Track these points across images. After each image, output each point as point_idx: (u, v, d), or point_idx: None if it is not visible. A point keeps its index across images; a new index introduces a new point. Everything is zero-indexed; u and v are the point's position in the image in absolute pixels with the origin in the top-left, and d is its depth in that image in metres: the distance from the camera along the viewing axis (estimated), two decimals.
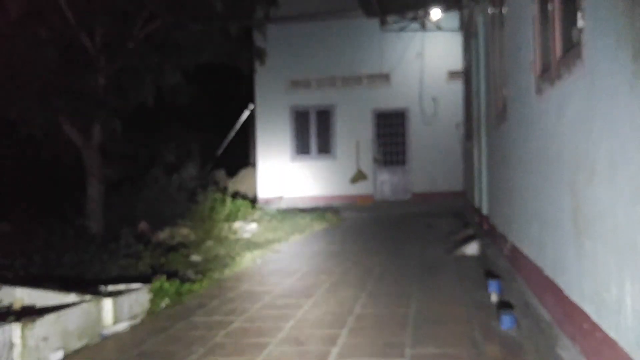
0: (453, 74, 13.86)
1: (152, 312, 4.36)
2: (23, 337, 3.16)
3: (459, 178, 13.08)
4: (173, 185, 11.15)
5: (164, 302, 4.55)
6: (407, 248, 7.46)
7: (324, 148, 15.09)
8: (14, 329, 3.15)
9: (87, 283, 5.00)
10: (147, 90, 8.28)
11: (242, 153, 17.37)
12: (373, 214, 12.42)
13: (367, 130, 14.79)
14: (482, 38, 7.60)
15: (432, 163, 14.34)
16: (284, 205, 13.89)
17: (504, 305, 3.94)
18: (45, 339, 3.30)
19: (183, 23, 8.50)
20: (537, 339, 3.12)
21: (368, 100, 14.77)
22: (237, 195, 12.34)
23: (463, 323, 3.77)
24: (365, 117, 14.80)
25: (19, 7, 7.47)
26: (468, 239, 7.06)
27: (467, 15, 10.17)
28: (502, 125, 5.60)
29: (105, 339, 3.78)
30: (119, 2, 8.03)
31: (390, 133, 14.79)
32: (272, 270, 6.18)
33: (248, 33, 13.12)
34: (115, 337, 3.83)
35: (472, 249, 6.58)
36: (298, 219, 10.43)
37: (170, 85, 8.66)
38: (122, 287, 4.38)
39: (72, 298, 3.90)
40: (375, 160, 14.75)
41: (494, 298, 4.23)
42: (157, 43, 8.61)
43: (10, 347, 3.12)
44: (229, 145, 18.13)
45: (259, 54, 10.43)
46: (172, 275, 5.08)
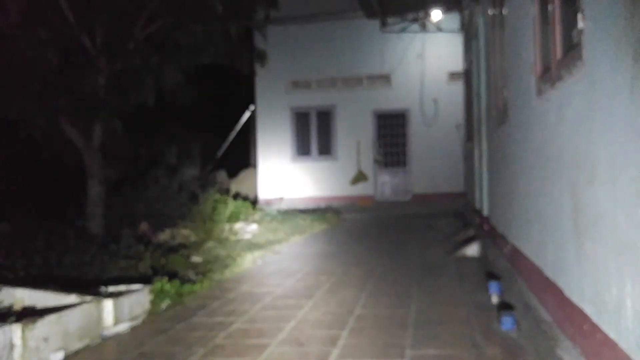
0: (453, 75, 13.86)
1: (152, 313, 4.36)
2: (24, 337, 3.16)
3: (460, 179, 13.08)
4: (174, 186, 11.15)
5: (165, 303, 4.55)
6: (407, 249, 7.46)
7: (325, 149, 15.08)
8: (15, 330, 3.15)
9: (87, 284, 5.00)
10: (147, 91, 8.28)
11: (242, 154, 17.37)
12: (373, 215, 12.43)
13: (367, 131, 14.78)
14: (482, 39, 7.60)
15: (432, 164, 14.33)
16: (285, 206, 13.89)
17: (505, 306, 3.94)
18: (46, 340, 3.30)
19: (183, 24, 8.50)
20: (537, 340, 3.12)
21: (368, 101, 14.77)
22: (237, 196, 12.36)
23: (463, 324, 3.77)
24: (366, 118, 14.80)
25: (20, 7, 7.48)
26: (468, 240, 7.06)
27: (467, 17, 10.17)
28: (502, 126, 5.60)
29: (106, 340, 3.79)
30: (120, 2, 8.03)
31: (391, 134, 14.78)
32: (272, 271, 6.18)
33: (248, 34, 13.14)
34: (116, 338, 3.83)
35: (472, 250, 6.58)
36: (298, 220, 10.44)
37: (171, 86, 8.66)
38: (122, 288, 4.38)
39: (72, 299, 3.90)
40: (376, 161, 14.74)
41: (495, 299, 4.24)
42: (157, 43, 8.61)
43: (11, 347, 3.12)
44: (230, 146, 18.14)
45: (260, 56, 10.45)
46: (172, 276, 5.08)
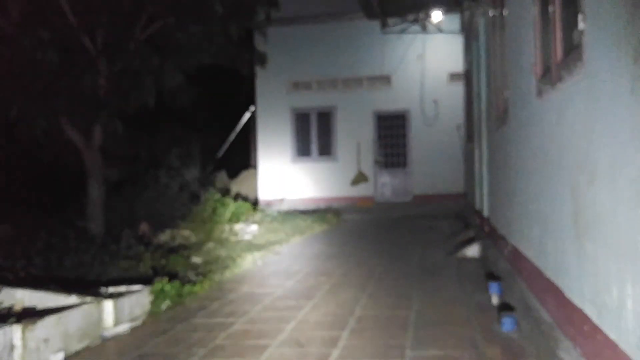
0: (454, 76, 13.86)
1: (153, 313, 4.36)
2: (24, 338, 3.16)
3: (460, 180, 13.08)
4: (174, 187, 11.15)
5: (165, 303, 4.55)
6: (407, 250, 7.45)
7: (325, 150, 15.07)
8: (15, 331, 3.15)
9: (87, 284, 5.00)
10: (147, 92, 8.28)
11: (243, 155, 17.36)
12: (374, 216, 12.42)
13: (367, 132, 14.78)
14: (482, 40, 7.60)
15: (432, 165, 14.32)
16: (285, 207, 13.88)
17: (505, 307, 3.94)
18: (46, 341, 3.30)
19: (184, 25, 8.51)
20: (537, 341, 3.11)
21: (369, 102, 14.77)
22: (237, 197, 12.36)
23: (464, 325, 3.77)
24: (366, 119, 14.79)
25: (21, 8, 7.49)
26: (469, 241, 7.06)
27: (467, 18, 10.17)
28: (503, 127, 5.60)
29: (106, 341, 3.79)
30: (120, 3, 8.04)
31: (391, 135, 14.78)
32: (272, 272, 6.18)
33: (249, 35, 13.14)
34: (116, 338, 3.83)
35: (473, 251, 6.58)
36: (299, 221, 10.43)
37: (171, 87, 8.66)
38: (122, 288, 4.38)
39: (72, 300, 3.90)
40: (376, 162, 14.74)
41: (495, 300, 4.23)
42: (157, 44, 8.61)
43: (11, 348, 3.12)
44: (230, 147, 18.13)
45: (260, 57, 10.45)
46: (172, 277, 5.08)
